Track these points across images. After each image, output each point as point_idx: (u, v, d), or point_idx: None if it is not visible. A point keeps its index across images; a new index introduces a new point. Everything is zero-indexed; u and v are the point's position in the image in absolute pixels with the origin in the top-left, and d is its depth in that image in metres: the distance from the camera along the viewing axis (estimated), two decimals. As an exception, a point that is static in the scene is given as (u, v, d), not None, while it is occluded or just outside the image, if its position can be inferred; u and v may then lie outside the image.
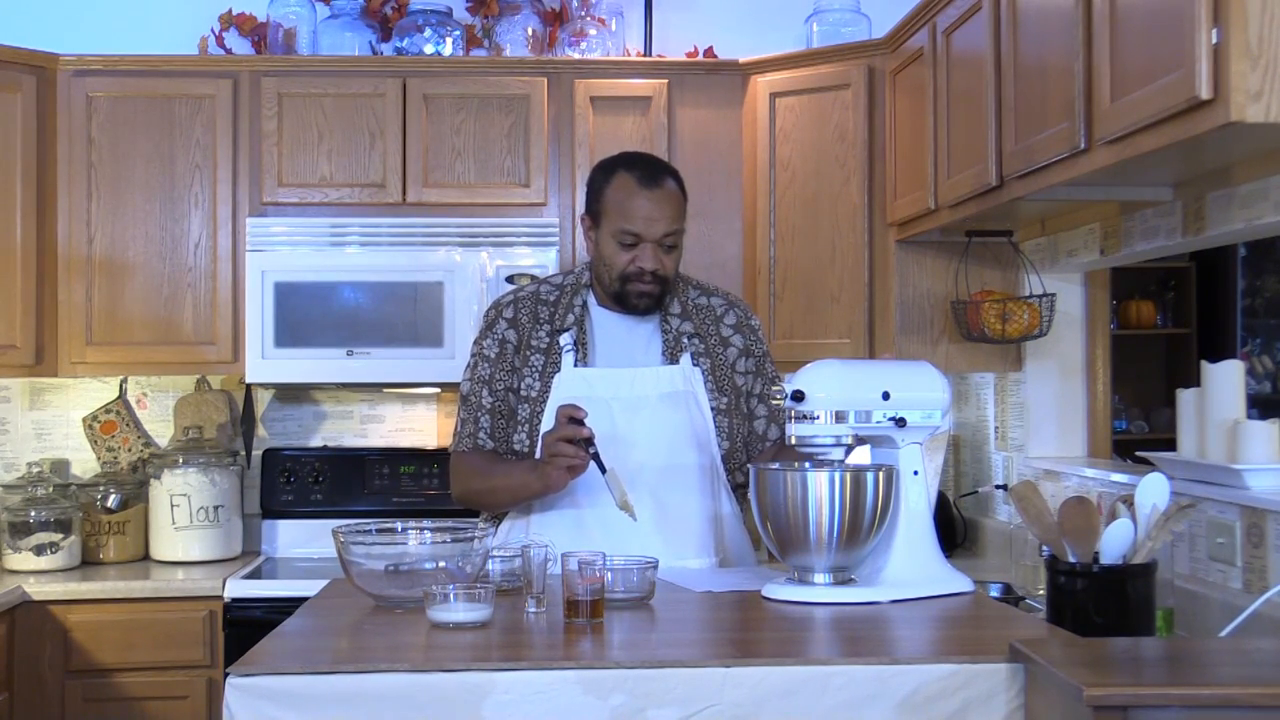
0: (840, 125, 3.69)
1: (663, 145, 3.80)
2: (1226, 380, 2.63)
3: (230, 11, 4.13)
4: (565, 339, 2.73)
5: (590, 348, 2.75)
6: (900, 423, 2.34)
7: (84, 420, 4.06)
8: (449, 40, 4.00)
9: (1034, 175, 2.55)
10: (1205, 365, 2.67)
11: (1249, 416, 2.60)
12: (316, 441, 4.16)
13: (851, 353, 3.62)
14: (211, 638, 3.47)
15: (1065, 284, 3.47)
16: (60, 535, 3.70)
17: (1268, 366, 6.14)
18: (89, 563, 3.78)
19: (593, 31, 4.04)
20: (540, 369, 2.72)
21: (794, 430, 2.35)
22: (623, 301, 2.73)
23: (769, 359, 2.88)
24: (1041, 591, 2.54)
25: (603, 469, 2.48)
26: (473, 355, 2.81)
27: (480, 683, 1.84)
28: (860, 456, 2.44)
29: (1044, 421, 3.55)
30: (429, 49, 3.98)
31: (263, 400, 4.14)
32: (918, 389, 2.38)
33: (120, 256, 3.79)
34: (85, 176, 3.78)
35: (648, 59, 4.06)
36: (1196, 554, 2.63)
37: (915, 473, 2.36)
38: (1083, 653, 1.87)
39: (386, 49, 4.08)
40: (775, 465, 2.40)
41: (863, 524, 2.26)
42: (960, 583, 2.36)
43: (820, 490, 2.25)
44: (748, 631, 2.16)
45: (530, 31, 4.06)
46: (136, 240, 3.80)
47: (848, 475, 2.26)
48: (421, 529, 2.42)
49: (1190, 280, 6.49)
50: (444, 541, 2.34)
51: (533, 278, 3.45)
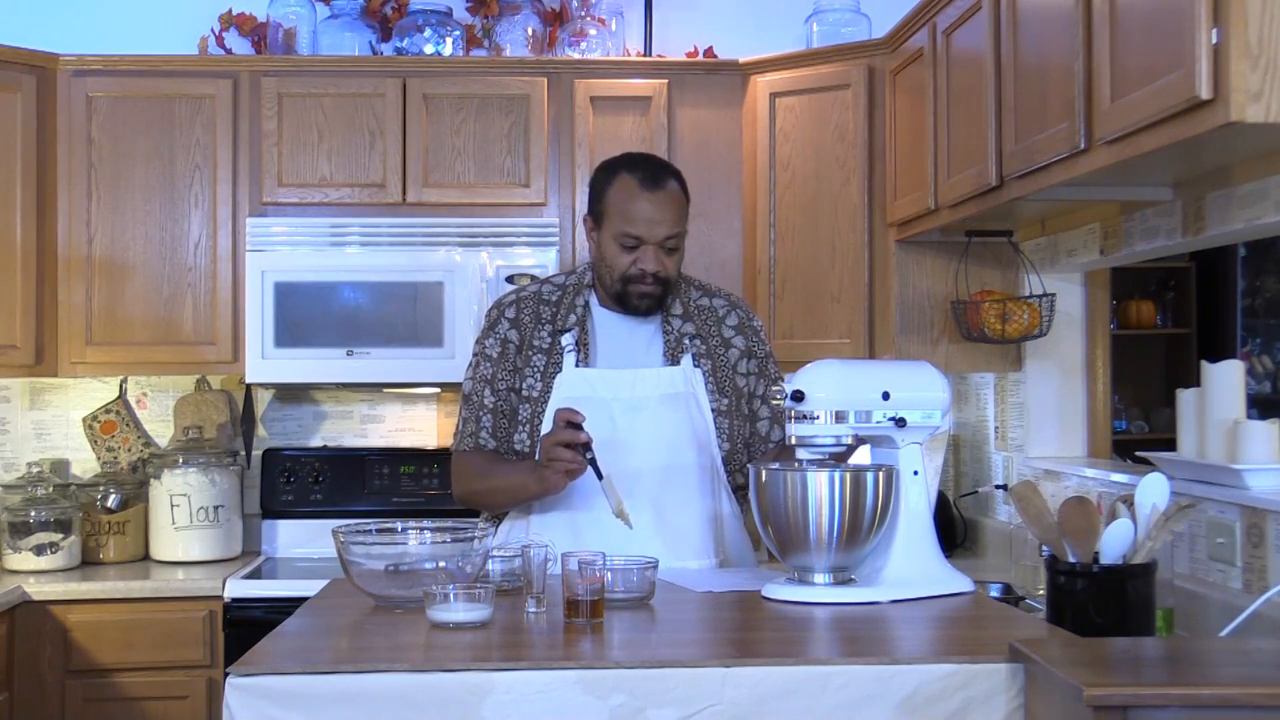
0: (840, 125, 3.69)
1: (663, 145, 3.80)
2: (1226, 380, 2.63)
3: (230, 11, 4.13)
4: (567, 339, 2.73)
5: (592, 348, 2.74)
6: (900, 423, 2.34)
7: (84, 420, 4.06)
8: (449, 40, 4.00)
9: (1034, 175, 2.55)
10: (1205, 365, 2.67)
11: (1249, 416, 2.60)
12: (316, 441, 4.16)
13: (851, 353, 3.62)
14: (211, 638, 3.47)
15: (1065, 284, 3.47)
16: (60, 535, 3.70)
17: (1268, 366, 6.13)
18: (89, 563, 3.78)
19: (593, 31, 4.03)
20: (542, 369, 2.72)
21: (794, 430, 2.35)
22: (624, 302, 2.72)
23: (772, 360, 2.87)
24: (1041, 591, 2.54)
25: (599, 475, 2.47)
26: (475, 354, 2.80)
27: (480, 683, 1.84)
28: (860, 456, 2.44)
29: (1044, 421, 3.55)
30: (429, 49, 3.98)
31: (263, 400, 4.14)
32: (918, 389, 2.38)
33: (120, 256, 3.79)
34: (85, 176, 3.78)
35: (648, 59, 4.06)
36: (1196, 554, 2.63)
37: (915, 473, 2.36)
38: (1083, 653, 1.87)
39: (386, 49, 4.08)
40: (775, 465, 2.40)
41: (863, 524, 2.26)
42: (960, 583, 2.36)
43: (820, 490, 2.25)
44: (748, 631, 2.16)
45: (530, 31, 4.06)
46: (136, 240, 3.80)
47: (848, 475, 2.26)
48: (421, 529, 2.42)
49: (1190, 280, 6.49)
50: (444, 541, 2.33)
51: (532, 278, 3.45)
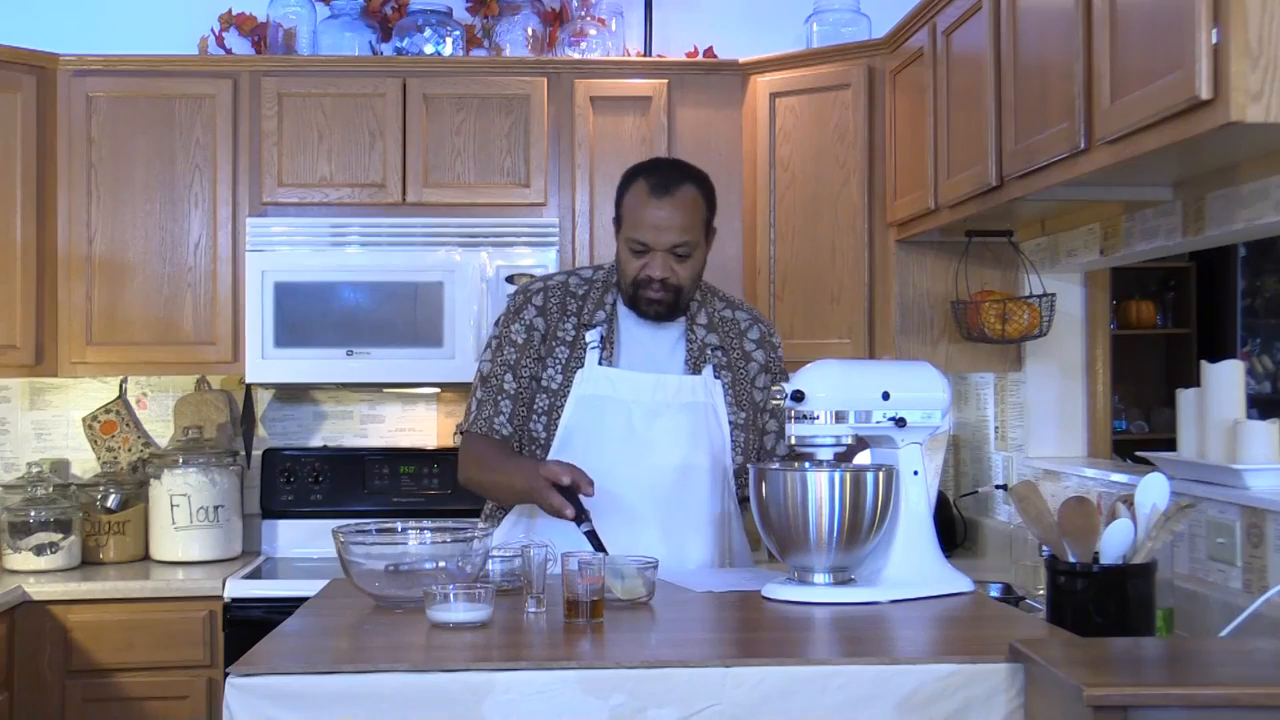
0: (840, 125, 3.69)
1: (662, 145, 3.80)
2: (1226, 380, 2.63)
3: (230, 11, 4.13)
4: (592, 335, 2.70)
5: (616, 347, 2.72)
6: (900, 423, 2.34)
7: (84, 420, 4.06)
8: (449, 40, 4.00)
9: (1034, 175, 2.55)
10: (1205, 365, 2.67)
11: (1249, 416, 2.60)
12: (316, 441, 4.16)
13: (851, 353, 3.62)
14: (211, 638, 3.47)
15: (1065, 284, 3.47)
16: (60, 535, 3.70)
17: (1268, 366, 6.13)
18: (89, 563, 3.78)
19: (593, 31, 4.03)
20: (564, 362, 2.69)
21: (794, 430, 2.35)
22: (635, 307, 2.71)
23: (785, 377, 2.85)
24: (1041, 591, 2.54)
25: (600, 547, 2.38)
26: (495, 337, 2.76)
27: (480, 683, 1.83)
28: (860, 456, 2.44)
29: (1044, 421, 3.54)
30: (429, 49, 3.98)
31: (263, 400, 4.14)
32: (918, 389, 2.38)
33: (120, 256, 3.79)
34: (85, 176, 3.78)
35: (648, 59, 4.06)
36: (1196, 554, 2.63)
37: (915, 473, 2.36)
38: (1083, 653, 1.87)
39: (386, 49, 4.08)
40: (775, 465, 2.40)
41: (863, 524, 2.26)
42: (960, 583, 2.36)
43: (820, 490, 2.25)
44: (748, 631, 2.16)
45: (530, 31, 4.06)
46: (136, 240, 3.79)
47: (848, 475, 2.26)
48: (421, 529, 2.42)
49: (1190, 280, 6.49)
50: (444, 541, 2.33)
51: (532, 278, 3.44)
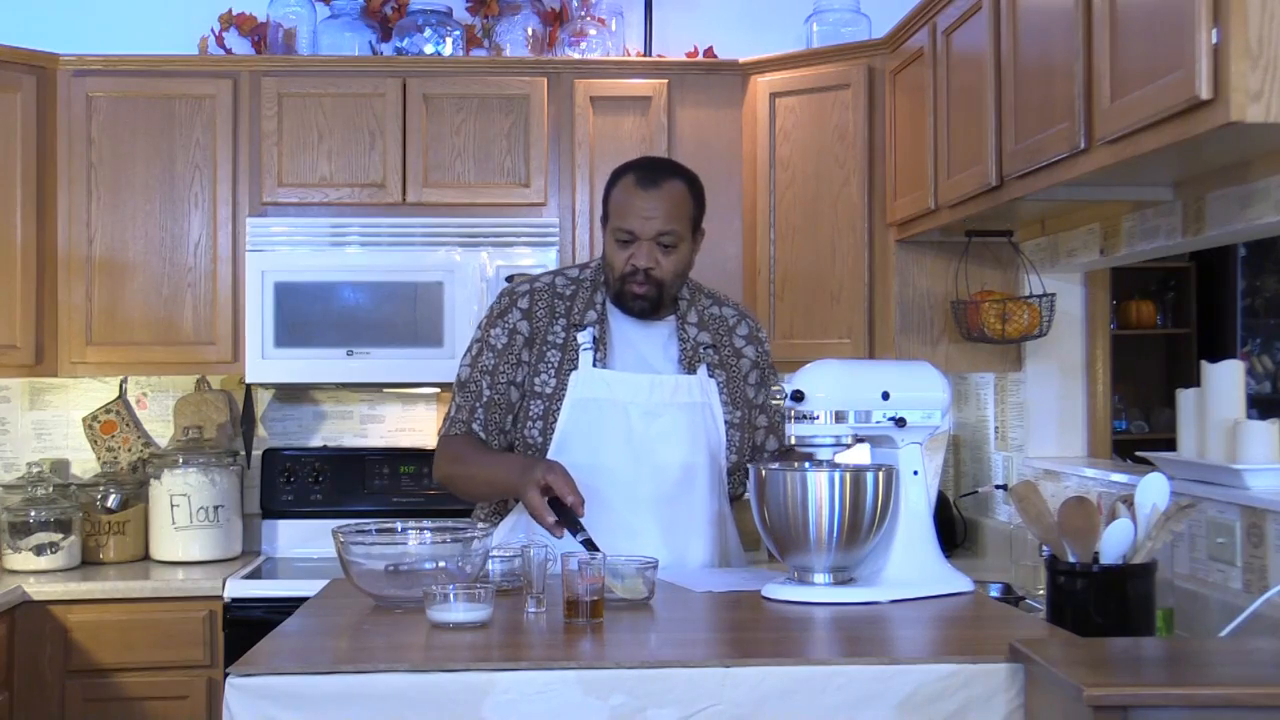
0: (840, 125, 3.69)
1: (662, 145, 3.80)
2: (1226, 380, 2.63)
3: (230, 11, 4.12)
4: (584, 336, 2.68)
5: (608, 348, 2.70)
6: (900, 423, 2.34)
7: (84, 420, 4.05)
8: (449, 40, 4.00)
9: (1034, 175, 2.55)
10: (1205, 365, 2.67)
11: (1249, 416, 2.60)
12: (316, 441, 4.16)
13: (852, 353, 3.62)
14: (211, 638, 3.47)
15: (1065, 284, 3.47)
16: (60, 535, 3.70)
17: (1268, 366, 6.13)
18: (89, 563, 3.78)
19: (593, 31, 4.03)
20: (557, 365, 2.66)
21: (794, 430, 2.35)
22: (621, 303, 2.70)
23: (773, 371, 2.85)
24: (1041, 591, 2.54)
25: (597, 549, 2.35)
26: (476, 341, 2.73)
27: (480, 683, 1.83)
28: (860, 456, 2.44)
29: (1044, 421, 3.54)
30: (429, 49, 3.98)
31: (263, 400, 4.14)
32: (918, 389, 2.38)
33: (120, 256, 3.79)
34: (85, 176, 3.78)
35: (648, 59, 4.06)
36: (1196, 554, 2.63)
37: (915, 473, 2.36)
38: (1083, 653, 1.87)
39: (386, 49, 4.08)
40: (775, 465, 2.40)
41: (863, 524, 2.26)
42: (960, 583, 2.36)
43: (820, 490, 2.25)
44: (748, 631, 2.16)
45: (530, 31, 4.06)
46: (136, 240, 3.79)
47: (847, 475, 2.26)
48: (421, 529, 2.41)
49: (1190, 280, 6.48)
50: (444, 541, 2.33)
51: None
